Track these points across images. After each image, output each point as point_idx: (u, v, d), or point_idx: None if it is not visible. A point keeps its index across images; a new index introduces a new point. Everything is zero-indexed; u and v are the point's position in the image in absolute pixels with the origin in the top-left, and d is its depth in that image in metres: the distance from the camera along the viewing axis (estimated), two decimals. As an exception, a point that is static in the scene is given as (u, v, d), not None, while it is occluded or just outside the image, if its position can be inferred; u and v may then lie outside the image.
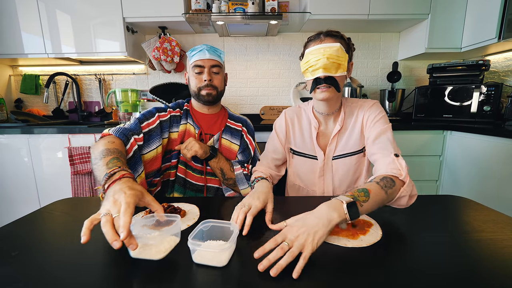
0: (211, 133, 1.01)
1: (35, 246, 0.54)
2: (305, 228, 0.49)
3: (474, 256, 0.49)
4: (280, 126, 0.96)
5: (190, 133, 0.97)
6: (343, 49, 0.76)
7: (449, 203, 0.76)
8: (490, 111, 1.57)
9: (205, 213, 0.70)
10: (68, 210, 0.73)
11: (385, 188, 0.60)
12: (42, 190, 1.70)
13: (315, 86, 0.80)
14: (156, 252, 0.47)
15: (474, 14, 1.68)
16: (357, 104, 0.89)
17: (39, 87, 2.16)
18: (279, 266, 0.43)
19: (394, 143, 0.77)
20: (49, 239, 0.58)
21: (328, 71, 0.76)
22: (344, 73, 0.78)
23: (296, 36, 2.11)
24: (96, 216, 0.47)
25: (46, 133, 1.62)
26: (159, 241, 0.48)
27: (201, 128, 0.99)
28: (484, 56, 1.91)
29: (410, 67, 2.15)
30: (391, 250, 0.52)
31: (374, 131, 0.81)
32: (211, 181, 1.00)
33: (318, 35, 0.80)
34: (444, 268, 0.46)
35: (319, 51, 0.76)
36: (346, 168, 0.88)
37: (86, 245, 0.53)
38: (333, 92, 0.80)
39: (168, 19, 1.75)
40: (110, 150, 0.67)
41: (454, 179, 1.60)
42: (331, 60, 0.75)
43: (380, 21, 1.80)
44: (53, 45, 1.78)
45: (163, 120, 0.93)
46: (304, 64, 0.80)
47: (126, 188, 0.50)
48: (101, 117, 2.18)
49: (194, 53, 0.95)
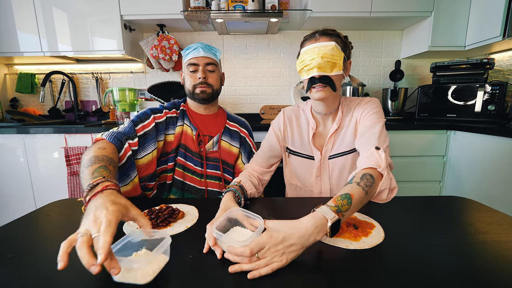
0: (210, 134, 1.00)
1: (30, 248, 0.54)
2: (282, 246, 0.47)
3: (478, 258, 0.49)
4: (278, 125, 0.96)
5: (187, 135, 0.96)
6: (338, 48, 0.77)
7: (453, 204, 0.76)
8: (495, 111, 1.57)
9: (205, 214, 0.69)
10: (64, 211, 0.73)
11: (365, 188, 0.59)
12: (38, 191, 1.70)
13: (311, 86, 0.80)
14: (142, 275, 0.42)
15: (478, 11, 1.67)
16: (354, 102, 0.89)
17: (35, 86, 2.16)
18: (239, 267, 0.45)
19: (381, 137, 0.74)
20: (45, 241, 0.58)
21: (323, 70, 0.76)
22: (340, 72, 0.78)
23: (297, 34, 2.11)
24: (74, 237, 0.42)
25: (42, 133, 1.62)
26: (146, 263, 0.43)
27: (199, 129, 0.98)
28: (489, 55, 1.91)
29: (413, 65, 2.15)
30: (393, 252, 0.52)
31: (363, 126, 0.81)
32: (211, 185, 0.99)
33: (313, 34, 0.81)
34: (448, 270, 0.46)
35: (313, 50, 0.76)
36: (342, 167, 0.88)
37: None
38: (329, 91, 0.80)
39: (166, 17, 1.75)
40: (98, 157, 0.64)
41: (458, 180, 1.60)
42: (325, 59, 0.75)
43: (382, 18, 1.80)
44: (49, 43, 1.77)
45: (159, 122, 0.92)
46: (299, 63, 0.81)
47: (109, 202, 0.47)
48: (98, 116, 2.18)
49: (189, 51, 0.95)
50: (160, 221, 0.62)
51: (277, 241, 0.47)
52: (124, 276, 0.41)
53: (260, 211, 0.71)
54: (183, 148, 0.95)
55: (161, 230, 0.60)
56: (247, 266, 0.45)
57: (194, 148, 0.96)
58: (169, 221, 0.64)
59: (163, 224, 0.62)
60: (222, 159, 1.00)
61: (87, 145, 1.62)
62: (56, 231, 0.63)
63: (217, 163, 0.99)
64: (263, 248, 0.47)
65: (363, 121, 0.82)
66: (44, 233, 0.62)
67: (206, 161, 0.98)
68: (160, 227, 0.61)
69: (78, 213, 0.72)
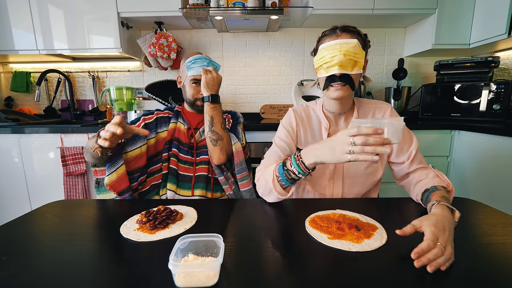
0: (200, 127, 1.09)
1: (25, 251, 0.54)
2: (447, 232, 0.52)
3: (484, 260, 0.49)
4: (290, 123, 0.92)
5: (180, 130, 1.07)
6: (360, 46, 0.75)
7: (457, 206, 0.76)
8: (500, 110, 1.57)
9: (203, 216, 0.69)
10: (60, 212, 0.73)
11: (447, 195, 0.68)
12: (33, 192, 1.70)
13: (329, 84, 0.79)
14: (206, 278, 0.43)
15: (483, 8, 1.67)
16: (371, 106, 0.89)
17: (30, 85, 2.16)
18: (437, 264, 0.46)
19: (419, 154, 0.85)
20: (41, 243, 0.58)
21: (344, 68, 0.75)
22: (360, 71, 0.77)
23: (297, 31, 2.11)
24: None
25: (37, 132, 1.62)
26: (206, 266, 0.45)
27: (190, 124, 1.08)
28: (494, 53, 1.91)
29: (417, 64, 2.15)
30: (396, 255, 0.52)
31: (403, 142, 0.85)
32: (201, 170, 1.04)
33: (333, 29, 0.79)
34: (453, 273, 0.46)
35: (335, 47, 0.74)
36: (358, 174, 0.87)
37: (78, 250, 0.53)
38: (348, 90, 0.78)
39: (164, 14, 1.75)
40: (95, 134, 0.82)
41: (462, 181, 1.60)
42: (347, 57, 0.74)
43: (385, 16, 1.79)
44: (44, 41, 1.77)
45: (148, 123, 1.03)
46: (318, 60, 0.78)
47: None
48: (94, 116, 2.18)
49: (193, 67, 1.00)
50: (158, 222, 0.62)
51: (441, 231, 0.51)
52: (188, 281, 0.43)
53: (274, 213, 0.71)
54: (176, 141, 1.06)
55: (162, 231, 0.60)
56: (442, 260, 0.46)
57: (185, 140, 1.06)
58: (167, 222, 0.64)
59: (161, 226, 0.62)
60: None
61: (84, 145, 1.62)
62: (52, 233, 0.63)
63: (205, 149, 1.05)
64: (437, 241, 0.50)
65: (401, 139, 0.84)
66: (39, 235, 0.62)
67: (196, 150, 1.07)
68: (158, 229, 0.61)
69: (74, 215, 0.72)
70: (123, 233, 0.60)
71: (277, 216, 0.70)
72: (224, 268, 0.46)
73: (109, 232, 0.62)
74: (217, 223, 0.67)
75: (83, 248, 0.54)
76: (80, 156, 1.62)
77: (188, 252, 0.48)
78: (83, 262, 0.50)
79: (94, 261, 0.50)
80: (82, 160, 1.62)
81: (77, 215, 0.72)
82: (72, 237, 0.60)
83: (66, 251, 0.53)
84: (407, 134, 0.85)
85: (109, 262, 0.50)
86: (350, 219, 0.65)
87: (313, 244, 0.55)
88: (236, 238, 0.57)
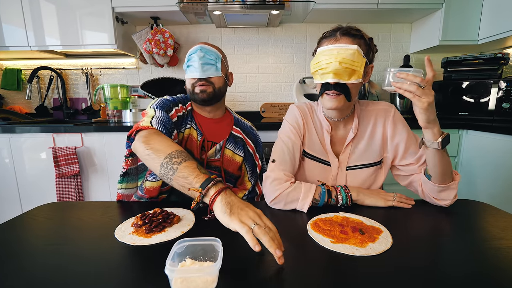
0: (214, 140, 0.97)
1: (16, 255, 0.54)
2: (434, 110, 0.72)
3: (493, 265, 0.49)
4: (297, 121, 0.88)
5: (193, 139, 0.93)
6: (360, 53, 0.72)
7: (465, 208, 0.76)
8: (510, 109, 1.57)
9: (201, 219, 0.69)
10: (52, 215, 0.73)
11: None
12: (25, 194, 1.70)
13: (323, 91, 0.76)
14: (204, 284, 0.43)
15: (492, 3, 1.67)
16: (371, 109, 0.87)
17: (21, 83, 2.16)
18: None
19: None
20: (32, 246, 0.58)
21: (339, 77, 0.72)
22: (359, 80, 0.73)
23: (299, 27, 2.11)
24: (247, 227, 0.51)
25: (28, 132, 1.62)
26: (204, 271, 0.44)
27: (204, 135, 0.95)
28: (503, 49, 1.91)
29: (423, 60, 2.14)
30: (401, 259, 0.52)
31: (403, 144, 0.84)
32: None
33: (334, 31, 0.76)
34: (461, 279, 0.46)
35: (331, 53, 0.71)
36: (361, 181, 0.87)
37: (70, 254, 0.54)
38: (343, 101, 0.76)
39: (160, 9, 1.75)
40: (187, 153, 0.69)
41: (471, 182, 1.60)
42: (344, 65, 0.70)
43: (390, 11, 1.80)
44: (36, 37, 1.77)
45: (180, 116, 0.92)
46: (314, 64, 0.75)
47: (242, 202, 0.58)
48: (88, 114, 2.18)
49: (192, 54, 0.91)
50: (154, 226, 0.62)
51: None
52: (185, 286, 0.43)
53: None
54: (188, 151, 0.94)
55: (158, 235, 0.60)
56: None
57: (196, 154, 0.93)
58: (164, 226, 0.63)
59: (157, 229, 0.62)
60: (224, 168, 0.97)
61: (77, 145, 1.63)
62: (44, 236, 0.63)
63: (217, 172, 0.96)
64: None
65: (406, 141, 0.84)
66: (30, 238, 0.62)
67: (207, 169, 0.93)
68: (154, 233, 0.61)
69: (67, 218, 0.72)
70: (117, 237, 0.60)
71: (278, 219, 0.70)
72: (223, 273, 0.46)
73: (103, 235, 0.62)
74: (215, 226, 0.67)
75: (75, 252, 0.54)
76: (72, 156, 1.62)
77: (185, 256, 0.48)
78: (75, 267, 0.50)
79: (87, 266, 0.50)
80: (75, 160, 1.62)
81: (70, 217, 0.72)
82: (64, 240, 0.60)
83: (58, 255, 0.53)
84: (412, 137, 0.84)
85: (102, 267, 0.50)
86: (354, 222, 0.65)
87: (315, 248, 0.55)
88: (235, 242, 0.57)
